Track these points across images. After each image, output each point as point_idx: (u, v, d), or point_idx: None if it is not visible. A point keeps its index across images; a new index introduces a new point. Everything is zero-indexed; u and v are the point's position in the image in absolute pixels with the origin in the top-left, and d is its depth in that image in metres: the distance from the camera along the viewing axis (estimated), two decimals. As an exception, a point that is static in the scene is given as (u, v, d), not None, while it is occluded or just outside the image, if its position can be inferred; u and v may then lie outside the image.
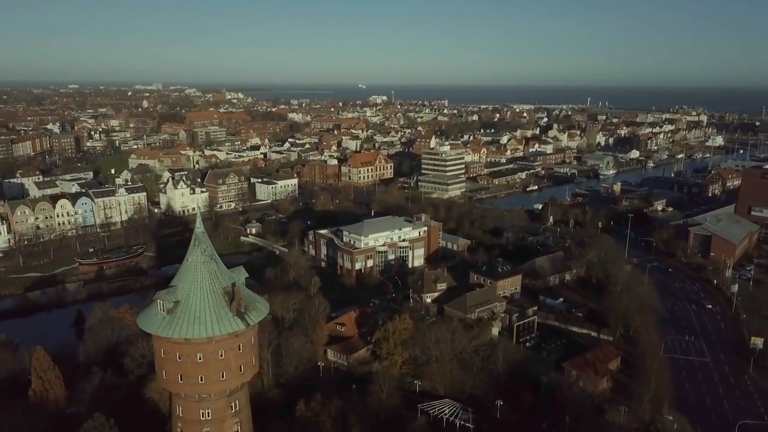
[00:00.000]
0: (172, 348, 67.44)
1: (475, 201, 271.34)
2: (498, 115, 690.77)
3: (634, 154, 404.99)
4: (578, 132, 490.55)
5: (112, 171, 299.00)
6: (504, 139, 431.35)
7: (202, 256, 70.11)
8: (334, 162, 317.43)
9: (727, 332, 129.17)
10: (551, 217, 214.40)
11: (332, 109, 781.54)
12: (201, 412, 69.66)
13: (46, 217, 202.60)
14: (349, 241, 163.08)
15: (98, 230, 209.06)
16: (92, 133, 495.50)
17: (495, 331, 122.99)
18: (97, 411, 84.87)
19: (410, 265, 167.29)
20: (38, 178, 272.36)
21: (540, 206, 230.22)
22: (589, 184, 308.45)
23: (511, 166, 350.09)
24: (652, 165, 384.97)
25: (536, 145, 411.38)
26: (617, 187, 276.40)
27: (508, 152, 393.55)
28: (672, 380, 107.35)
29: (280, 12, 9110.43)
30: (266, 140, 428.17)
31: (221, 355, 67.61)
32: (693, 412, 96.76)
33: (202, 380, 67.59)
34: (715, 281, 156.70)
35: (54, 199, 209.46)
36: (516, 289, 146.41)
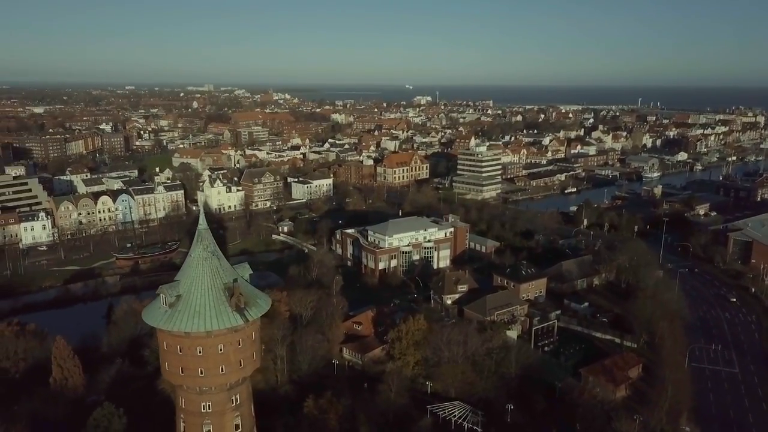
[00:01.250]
0: (173, 341, 69.45)
1: (511, 203, 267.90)
2: (543, 116, 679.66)
3: (682, 156, 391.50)
4: (624, 133, 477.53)
5: (156, 169, 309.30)
6: (545, 141, 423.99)
7: (204, 253, 71.90)
8: (370, 162, 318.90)
9: (761, 343, 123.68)
10: (585, 219, 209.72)
11: (375, 110, 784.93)
12: (202, 404, 71.43)
13: (88, 213, 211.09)
14: (374, 240, 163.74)
15: (137, 226, 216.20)
16: (141, 132, 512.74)
17: (514, 334, 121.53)
18: (115, 400, 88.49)
19: (435, 266, 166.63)
20: (86, 176, 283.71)
21: (575, 208, 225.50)
22: (631, 187, 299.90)
23: (550, 167, 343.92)
24: (699, 168, 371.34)
25: (578, 147, 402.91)
26: (658, 190, 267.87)
27: (549, 153, 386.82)
28: (695, 390, 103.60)
29: (329, 13, 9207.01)
30: (306, 140, 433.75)
31: (220, 350, 69.20)
32: (714, 425, 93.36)
33: (202, 373, 69.29)
34: (753, 289, 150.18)
35: (96, 196, 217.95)
36: (540, 292, 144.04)
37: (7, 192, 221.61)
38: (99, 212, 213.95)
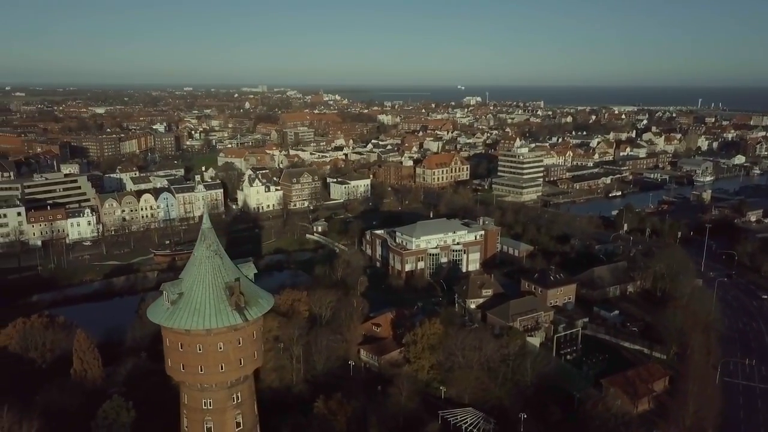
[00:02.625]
0: (175, 338, 70.79)
1: (551, 206, 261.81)
2: (594, 117, 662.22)
3: (739, 159, 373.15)
4: (678, 135, 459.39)
5: (203, 168, 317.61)
6: (593, 143, 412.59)
7: (207, 251, 72.83)
8: (410, 163, 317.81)
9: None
10: (626, 224, 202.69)
11: (423, 111, 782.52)
12: (203, 401, 72.48)
13: (131, 210, 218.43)
14: (401, 242, 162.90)
15: (178, 223, 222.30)
16: (192, 132, 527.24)
17: (536, 341, 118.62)
18: (129, 393, 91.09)
19: (464, 269, 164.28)
20: (134, 174, 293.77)
21: (617, 213, 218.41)
22: (680, 191, 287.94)
23: (596, 170, 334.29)
24: (757, 172, 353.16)
25: (628, 149, 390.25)
26: (707, 195, 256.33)
27: (596, 156, 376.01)
28: (724, 406, 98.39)
29: (383, 15, 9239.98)
30: (350, 141, 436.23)
31: (220, 348, 70.02)
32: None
33: (201, 371, 70.31)
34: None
35: (139, 194, 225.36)
36: (569, 298, 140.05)
37: (58, 189, 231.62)
38: (141, 209, 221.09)
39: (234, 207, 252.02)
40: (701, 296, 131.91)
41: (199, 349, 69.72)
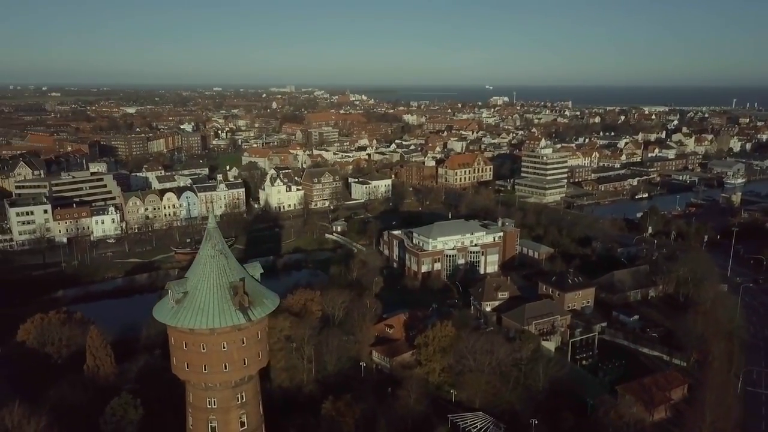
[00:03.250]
0: (179, 337, 71.08)
1: (575, 207, 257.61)
2: (623, 117, 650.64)
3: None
4: (710, 136, 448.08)
5: (227, 168, 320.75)
6: (621, 143, 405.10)
7: (212, 251, 73.00)
8: (432, 163, 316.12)
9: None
10: (650, 227, 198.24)
11: (449, 111, 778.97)
12: (207, 400, 72.65)
13: (154, 209, 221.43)
14: (418, 243, 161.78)
15: (200, 222, 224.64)
16: (219, 132, 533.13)
17: (551, 345, 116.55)
18: (142, 390, 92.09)
19: (482, 271, 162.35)
20: (160, 173, 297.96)
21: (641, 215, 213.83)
22: (709, 194, 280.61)
23: (622, 171, 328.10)
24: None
25: (656, 150, 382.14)
26: (737, 198, 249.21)
27: (623, 157, 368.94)
28: (746, 417, 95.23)
29: (409, 15, 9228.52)
30: (374, 141, 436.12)
31: (224, 347, 70.05)
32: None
33: (205, 370, 70.47)
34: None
35: (162, 193, 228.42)
36: (588, 302, 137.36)
37: (85, 187, 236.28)
38: (164, 208, 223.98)
39: (256, 206, 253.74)
40: (725, 302, 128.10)
41: (203, 349, 69.86)
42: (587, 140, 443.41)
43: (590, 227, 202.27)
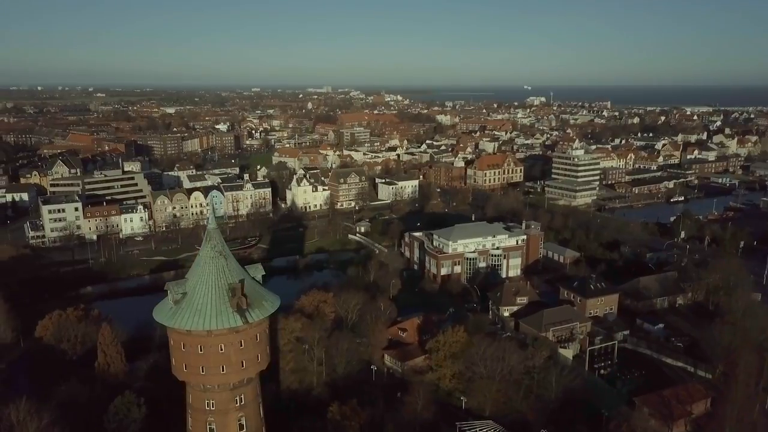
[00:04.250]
0: (178, 338, 71.01)
1: (606, 210, 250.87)
2: (663, 118, 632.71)
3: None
4: (754, 138, 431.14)
5: (257, 167, 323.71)
6: (658, 145, 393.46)
7: (211, 252, 72.65)
8: (461, 164, 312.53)
9: None
10: (683, 232, 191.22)
11: (484, 111, 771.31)
12: (206, 401, 72.37)
13: (182, 207, 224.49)
14: (438, 245, 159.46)
15: (226, 221, 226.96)
16: (252, 132, 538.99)
17: (569, 353, 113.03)
18: (149, 389, 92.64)
19: (504, 275, 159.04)
20: (191, 172, 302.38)
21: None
22: (750, 198, 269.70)
23: (658, 173, 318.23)
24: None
25: (695, 152, 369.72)
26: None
27: (661, 158, 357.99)
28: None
29: (447, 14, 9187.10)
30: (405, 141, 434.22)
31: (221, 349, 69.61)
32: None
33: (203, 371, 70.19)
34: None
35: (190, 192, 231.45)
36: (611, 309, 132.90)
37: (116, 185, 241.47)
38: (191, 207, 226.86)
39: (283, 206, 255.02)
40: (757, 312, 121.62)
41: (201, 350, 69.57)
42: (624, 141, 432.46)
43: (620, 231, 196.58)
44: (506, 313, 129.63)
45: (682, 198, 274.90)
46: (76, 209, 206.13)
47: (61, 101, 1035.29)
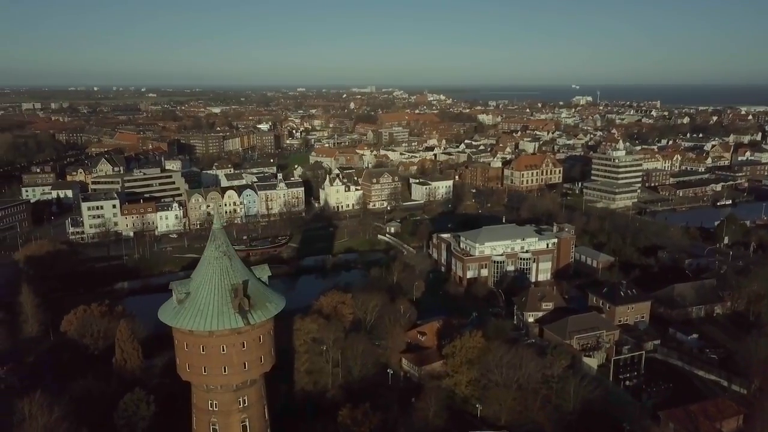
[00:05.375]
0: (181, 337, 71.26)
1: (647, 214, 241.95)
2: (715, 118, 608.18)
3: None
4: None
5: (296, 167, 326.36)
6: (708, 146, 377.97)
7: (215, 252, 72.65)
8: (498, 164, 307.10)
9: None
10: (726, 237, 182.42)
11: (527, 110, 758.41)
12: (209, 402, 72.37)
13: (216, 206, 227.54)
14: (465, 247, 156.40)
15: (259, 220, 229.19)
16: (293, 131, 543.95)
17: (594, 362, 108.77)
18: (162, 387, 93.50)
19: (533, 279, 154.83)
20: (229, 171, 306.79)
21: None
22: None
23: (706, 176, 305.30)
24: None
25: (747, 153, 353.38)
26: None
27: (709, 160, 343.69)
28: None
29: (494, 13, 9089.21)
30: (443, 141, 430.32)
31: (223, 350, 69.41)
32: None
33: (205, 372, 70.17)
34: None
35: (224, 190, 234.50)
36: (642, 317, 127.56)
37: (154, 184, 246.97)
38: (225, 205, 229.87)
39: (316, 205, 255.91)
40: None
41: (203, 350, 69.53)
42: (671, 142, 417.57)
43: (658, 235, 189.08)
44: (531, 319, 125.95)
45: (730, 201, 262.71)
46: (114, 206, 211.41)
47: (115, 101, 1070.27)
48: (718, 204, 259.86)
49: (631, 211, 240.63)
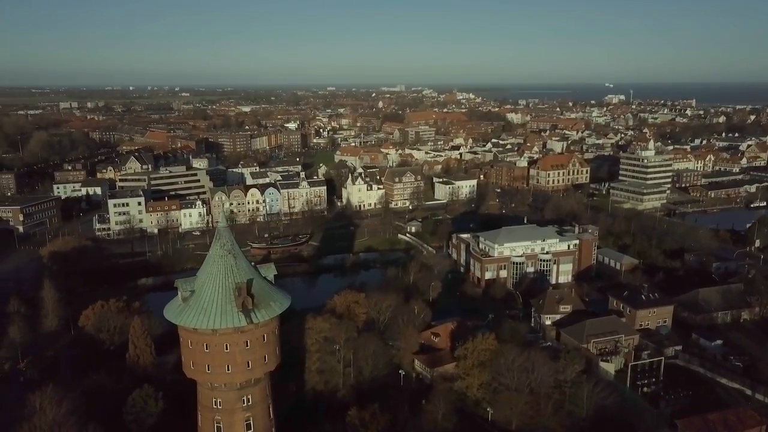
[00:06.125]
0: (186, 335, 71.53)
1: (676, 215, 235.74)
2: (753, 117, 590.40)
3: None
4: None
5: (320, 165, 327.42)
6: (743, 146, 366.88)
7: (220, 251, 72.74)
8: (524, 164, 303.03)
9: None
10: (758, 240, 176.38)
11: (558, 109, 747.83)
12: (213, 400, 72.48)
13: (239, 203, 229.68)
14: (484, 248, 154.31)
15: (281, 218, 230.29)
16: (320, 130, 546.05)
17: (611, 367, 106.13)
18: (174, 383, 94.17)
19: (553, 281, 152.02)
20: (255, 169, 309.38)
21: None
22: None
23: (740, 176, 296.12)
24: None
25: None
26: None
27: (744, 160, 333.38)
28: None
29: (523, 11, 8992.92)
30: (470, 140, 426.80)
31: (226, 348, 69.41)
32: None
33: (208, 370, 70.31)
34: None
35: (247, 188, 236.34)
36: (664, 321, 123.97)
37: (180, 181, 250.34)
38: (248, 203, 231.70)
39: (339, 204, 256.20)
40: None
41: (206, 348, 69.60)
42: (705, 142, 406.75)
43: (686, 237, 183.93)
44: (548, 322, 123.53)
45: (765, 203, 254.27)
46: (139, 203, 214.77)
47: (149, 100, 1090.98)
48: (752, 206, 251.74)
49: (660, 213, 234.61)
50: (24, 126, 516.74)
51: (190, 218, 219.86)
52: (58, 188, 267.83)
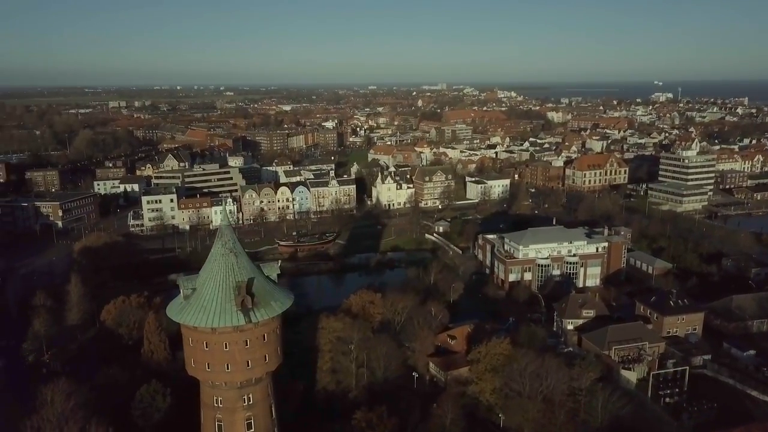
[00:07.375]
0: (187, 333, 71.85)
1: (719, 218, 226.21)
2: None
3: None
4: None
5: (354, 164, 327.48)
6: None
7: (222, 249, 72.71)
8: (560, 164, 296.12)
9: None
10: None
11: (601, 108, 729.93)
12: (214, 398, 72.62)
13: (269, 201, 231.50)
14: (509, 249, 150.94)
15: (310, 216, 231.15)
16: (357, 129, 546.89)
17: (633, 376, 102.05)
18: (184, 380, 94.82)
19: (581, 284, 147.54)
20: (288, 167, 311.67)
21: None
22: None
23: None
24: None
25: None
26: None
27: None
28: None
29: (570, 8, 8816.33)
30: (507, 139, 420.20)
31: (225, 347, 69.31)
32: None
33: (208, 368, 70.44)
34: None
35: (277, 186, 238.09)
36: (694, 329, 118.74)
37: (213, 179, 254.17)
38: (278, 201, 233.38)
39: (369, 203, 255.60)
40: None
41: (206, 347, 69.66)
42: (754, 142, 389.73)
43: (725, 241, 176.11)
44: (570, 326, 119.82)
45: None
46: (172, 200, 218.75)
47: (194, 99, 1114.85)
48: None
49: (700, 215, 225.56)
50: (73, 124, 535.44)
51: (220, 215, 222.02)
52: (98, 185, 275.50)
